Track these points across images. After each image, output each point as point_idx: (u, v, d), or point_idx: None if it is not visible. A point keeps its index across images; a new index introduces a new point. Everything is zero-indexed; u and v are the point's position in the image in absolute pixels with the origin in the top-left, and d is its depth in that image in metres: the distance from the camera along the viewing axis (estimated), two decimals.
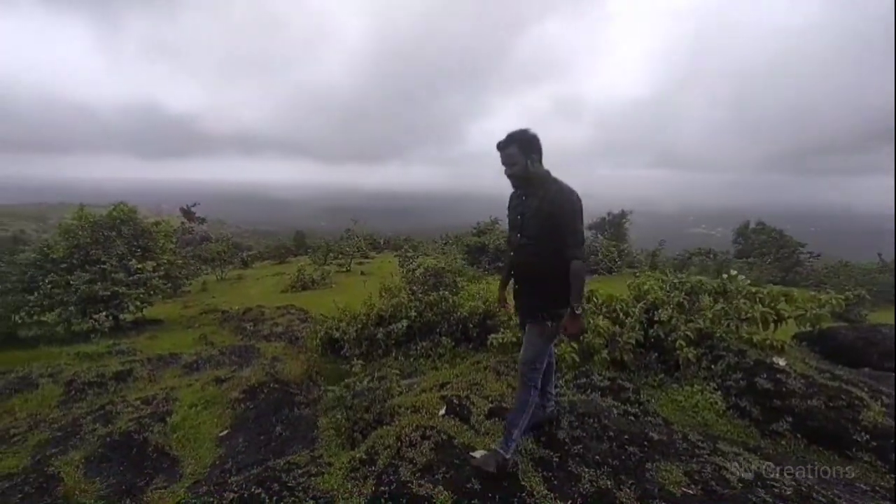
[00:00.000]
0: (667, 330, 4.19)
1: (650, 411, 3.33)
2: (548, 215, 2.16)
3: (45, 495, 2.77)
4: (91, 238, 9.78)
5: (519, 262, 2.40)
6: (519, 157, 2.21)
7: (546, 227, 2.17)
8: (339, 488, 2.35)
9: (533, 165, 2.21)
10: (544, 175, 2.24)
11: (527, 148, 2.20)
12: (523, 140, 2.20)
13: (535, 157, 2.21)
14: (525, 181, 2.27)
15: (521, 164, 2.21)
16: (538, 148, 2.22)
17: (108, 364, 5.80)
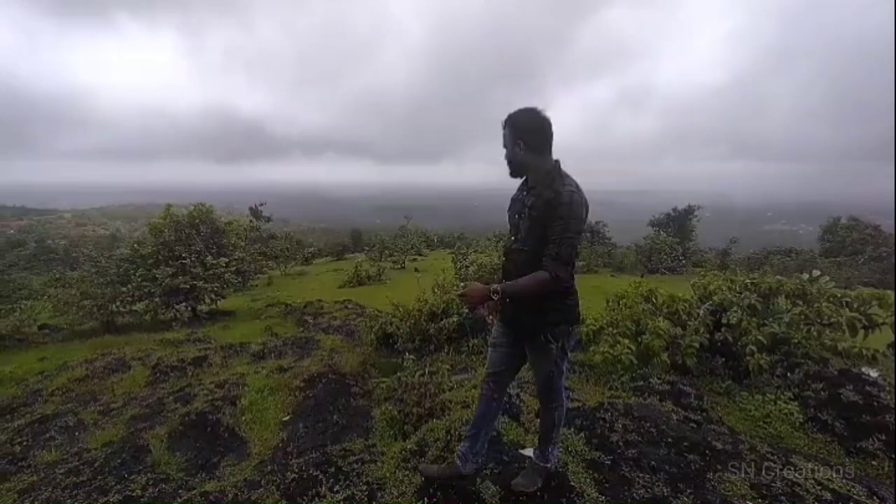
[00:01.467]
0: (736, 334, 3.90)
1: (714, 419, 3.13)
2: (539, 218, 1.78)
3: (138, 463, 3.11)
4: (175, 236, 10.78)
5: (508, 269, 1.99)
6: (508, 140, 1.88)
7: (539, 233, 1.79)
8: (391, 477, 2.43)
9: (521, 153, 1.85)
10: (547, 168, 1.84)
11: (515, 131, 1.85)
12: (512, 121, 1.86)
13: (523, 143, 1.83)
14: (520, 172, 1.94)
15: (508, 149, 1.89)
16: (530, 132, 1.83)
17: (187, 350, 6.38)
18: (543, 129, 1.83)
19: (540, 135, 1.83)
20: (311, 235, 49.82)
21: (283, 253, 22.63)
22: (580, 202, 1.73)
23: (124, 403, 4.44)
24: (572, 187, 1.75)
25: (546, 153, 1.85)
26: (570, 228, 1.71)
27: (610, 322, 4.40)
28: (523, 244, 1.88)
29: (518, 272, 1.85)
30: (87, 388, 5.02)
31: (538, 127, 1.82)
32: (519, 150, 1.85)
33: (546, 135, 1.83)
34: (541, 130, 1.83)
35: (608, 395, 3.40)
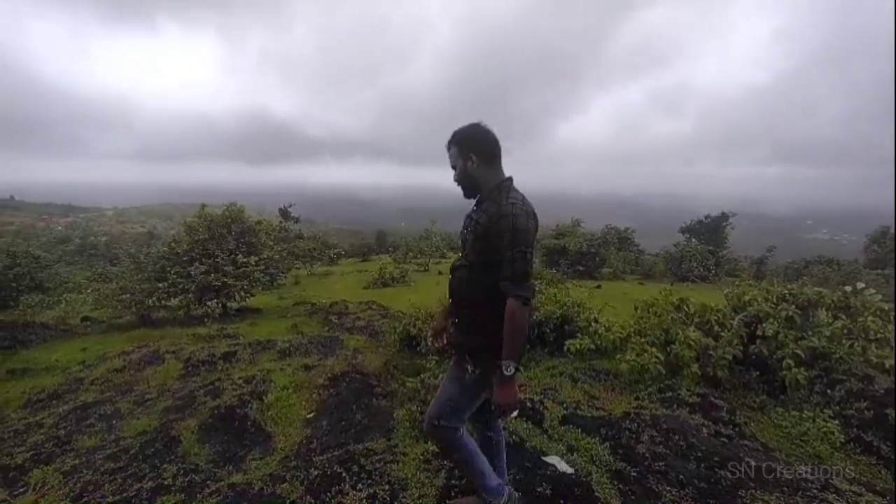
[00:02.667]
0: (772, 347, 3.74)
1: (747, 434, 3.00)
2: (483, 234, 1.67)
3: (170, 453, 3.23)
4: (208, 234, 11.17)
5: (451, 286, 1.88)
6: (457, 158, 1.79)
7: (481, 249, 1.69)
8: (413, 477, 2.44)
9: (474, 167, 1.76)
10: (496, 182, 1.75)
11: (464, 146, 1.77)
12: (459, 137, 1.78)
13: (475, 156, 1.74)
14: (471, 189, 1.81)
15: (459, 168, 1.79)
16: (481, 146, 1.75)
17: (218, 345, 6.58)
18: (492, 141, 1.77)
19: (490, 146, 1.76)
20: (337, 236, 50.76)
21: (310, 253, 23.11)
22: (525, 214, 1.61)
23: (158, 395, 4.61)
24: (515, 200, 1.65)
25: (497, 166, 1.78)
26: (519, 242, 1.58)
27: (637, 330, 4.30)
28: (465, 259, 1.80)
29: (459, 289, 1.81)
30: (124, 378, 5.25)
31: (487, 139, 1.77)
32: (472, 164, 1.76)
33: (496, 146, 1.78)
34: (491, 142, 1.77)
35: (634, 405, 3.32)
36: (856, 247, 25.88)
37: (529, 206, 1.66)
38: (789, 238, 71.72)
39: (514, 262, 1.58)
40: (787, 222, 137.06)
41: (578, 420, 2.91)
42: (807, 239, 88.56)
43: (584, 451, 2.58)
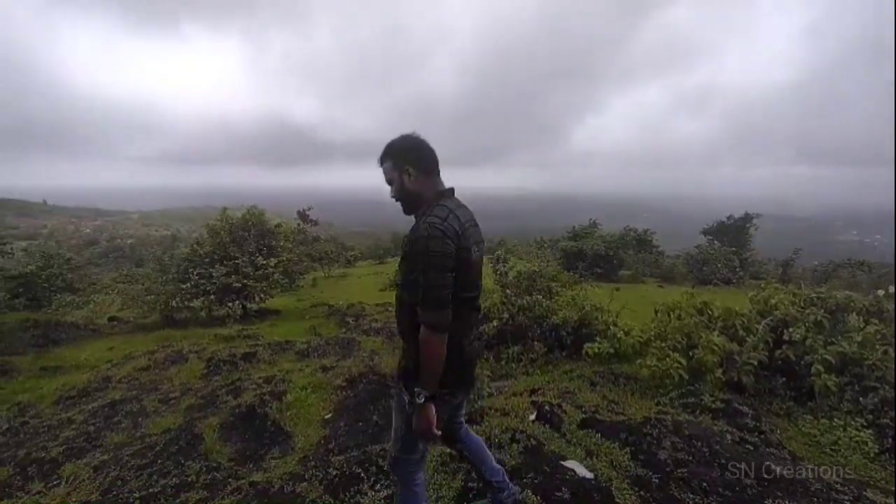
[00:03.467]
0: (799, 352, 3.63)
1: (773, 442, 2.92)
2: (404, 256, 1.57)
3: (193, 450, 3.31)
4: (229, 237, 11.41)
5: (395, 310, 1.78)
6: (392, 172, 1.65)
7: (404, 271, 1.58)
8: (430, 480, 2.44)
9: (411, 180, 1.62)
10: (431, 195, 1.62)
11: (399, 159, 1.63)
12: (393, 150, 1.65)
13: (412, 168, 1.61)
14: (410, 205, 1.66)
15: (395, 183, 1.65)
16: (417, 158, 1.62)
17: (238, 346, 6.71)
18: (429, 152, 1.65)
19: (427, 157, 1.64)
20: (354, 239, 51.25)
21: (328, 255, 23.38)
22: (441, 235, 1.45)
23: (181, 393, 4.73)
24: (434, 220, 1.49)
25: (435, 178, 1.66)
26: (431, 265, 1.44)
27: (658, 334, 4.22)
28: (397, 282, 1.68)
29: (397, 312, 1.71)
30: (150, 377, 5.39)
31: (424, 150, 1.64)
32: (409, 177, 1.62)
33: (432, 157, 1.65)
34: (427, 153, 1.65)
35: (655, 410, 3.26)
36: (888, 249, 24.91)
37: (452, 224, 1.49)
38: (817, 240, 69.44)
39: (426, 290, 1.46)
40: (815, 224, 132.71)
41: (597, 424, 2.88)
42: (836, 241, 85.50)
43: (603, 455, 2.55)
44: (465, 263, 1.51)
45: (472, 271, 1.58)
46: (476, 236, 1.62)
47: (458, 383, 1.65)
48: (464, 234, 1.51)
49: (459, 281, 1.51)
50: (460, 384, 1.67)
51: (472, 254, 1.56)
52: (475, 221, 1.68)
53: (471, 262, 1.55)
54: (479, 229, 1.68)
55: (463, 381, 1.68)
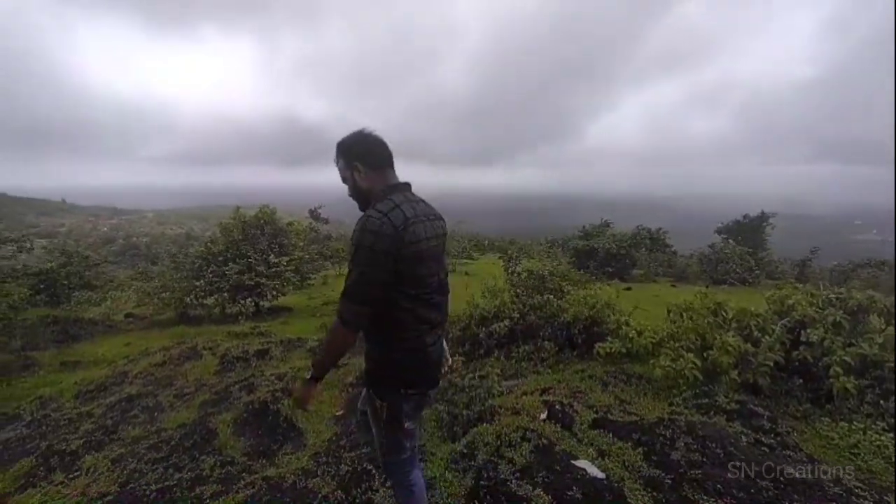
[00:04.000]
0: (817, 354, 3.56)
1: (790, 444, 2.86)
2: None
3: (207, 445, 3.36)
4: (242, 235, 11.55)
5: None
6: (345, 169, 1.64)
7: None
8: (440, 477, 2.46)
9: (361, 176, 1.61)
10: (381, 188, 1.59)
11: (349, 156, 1.62)
12: (343, 147, 1.64)
13: (361, 164, 1.60)
14: (362, 201, 1.65)
15: (348, 180, 1.65)
16: (366, 154, 1.61)
17: (251, 343, 6.80)
18: (378, 147, 1.63)
19: (376, 153, 1.62)
20: None
21: (339, 253, 23.52)
22: (373, 230, 1.42)
23: (196, 389, 4.81)
24: (372, 214, 1.46)
25: (386, 173, 1.63)
26: (357, 259, 1.44)
27: (671, 335, 4.17)
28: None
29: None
30: (165, 372, 5.49)
31: (372, 145, 1.62)
32: (359, 174, 1.61)
33: (382, 151, 1.63)
34: (376, 148, 1.62)
35: (668, 411, 3.22)
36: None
37: (392, 219, 1.45)
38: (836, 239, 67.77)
39: (348, 279, 1.46)
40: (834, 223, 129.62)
41: (609, 424, 2.85)
42: (855, 240, 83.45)
43: (615, 456, 2.53)
44: (410, 258, 1.46)
45: (422, 266, 1.52)
46: (430, 231, 1.56)
47: (423, 382, 1.63)
48: (408, 229, 1.45)
49: (405, 276, 1.47)
50: (425, 383, 1.65)
51: (421, 248, 1.50)
52: (434, 216, 1.64)
53: (419, 256, 1.49)
54: (438, 223, 1.64)
55: (427, 379, 1.65)
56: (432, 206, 1.69)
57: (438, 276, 1.63)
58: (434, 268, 1.59)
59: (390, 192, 1.57)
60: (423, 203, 1.63)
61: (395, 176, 1.64)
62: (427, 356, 1.60)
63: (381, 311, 1.50)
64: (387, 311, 1.50)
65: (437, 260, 1.62)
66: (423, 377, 1.62)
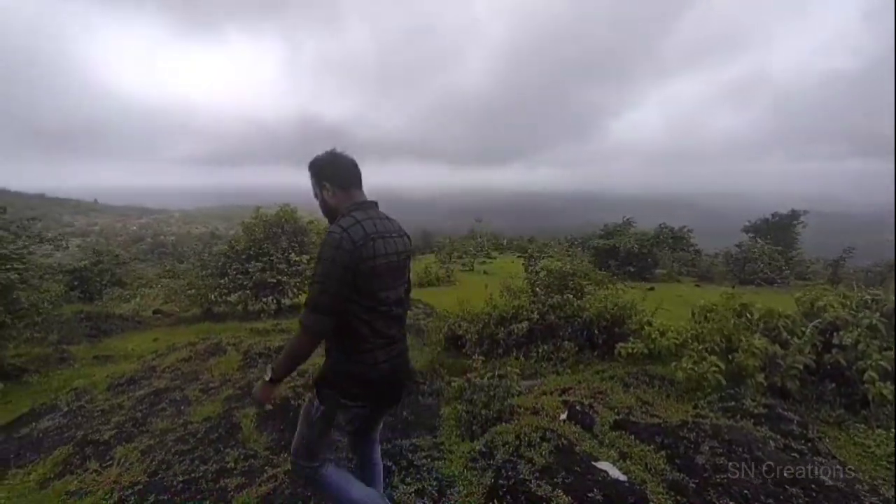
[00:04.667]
0: (851, 357, 3.42)
1: (822, 451, 2.76)
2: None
3: (231, 438, 3.45)
4: (264, 234, 11.78)
5: None
6: (315, 187, 1.75)
7: None
8: (459, 476, 2.46)
9: (329, 195, 1.71)
10: (343, 210, 1.67)
11: (317, 175, 1.72)
12: (313, 167, 1.73)
13: (329, 184, 1.70)
14: (330, 217, 1.75)
15: (318, 198, 1.75)
16: (332, 173, 1.70)
17: (273, 339, 6.93)
18: (344, 167, 1.71)
19: (342, 173, 1.70)
20: None
21: None
22: (333, 243, 1.50)
23: (220, 384, 4.93)
24: (334, 229, 1.55)
25: (353, 191, 1.71)
26: (319, 269, 1.51)
27: (695, 336, 4.07)
28: None
29: None
30: (191, 367, 5.65)
31: (340, 164, 1.71)
32: (327, 192, 1.71)
33: (349, 172, 1.71)
34: (342, 168, 1.70)
35: (693, 414, 3.15)
36: None
37: (351, 234, 1.52)
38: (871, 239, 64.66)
39: (312, 291, 1.52)
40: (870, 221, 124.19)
41: (631, 426, 2.81)
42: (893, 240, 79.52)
43: (637, 458, 2.49)
44: (368, 273, 1.53)
45: (380, 281, 1.58)
46: (391, 247, 1.63)
47: (365, 396, 1.66)
48: (366, 244, 1.53)
49: (363, 290, 1.53)
50: (368, 398, 1.67)
51: (379, 264, 1.56)
52: (397, 233, 1.70)
53: (374, 272, 1.55)
54: (400, 240, 1.70)
55: (371, 395, 1.67)
56: (397, 223, 1.76)
57: (397, 291, 1.68)
58: (392, 283, 1.65)
59: (354, 209, 1.64)
60: (387, 220, 1.70)
61: (362, 195, 1.73)
62: (376, 372, 1.62)
63: (341, 323, 1.55)
64: (346, 323, 1.55)
65: (396, 276, 1.67)
66: (367, 392, 1.65)
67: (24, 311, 5.99)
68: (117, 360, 6.87)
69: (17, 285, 5.78)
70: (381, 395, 1.72)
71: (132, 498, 2.73)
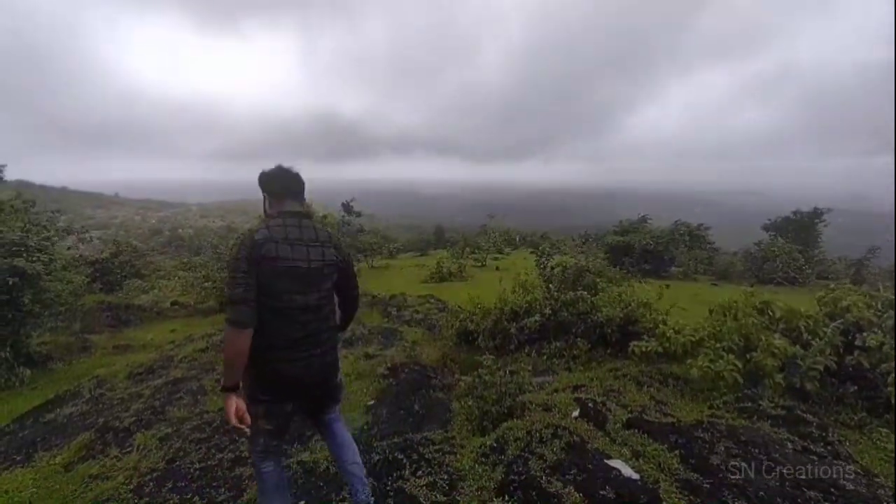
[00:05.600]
0: (874, 359, 3.32)
1: (842, 455, 2.69)
2: None
3: None
4: None
5: None
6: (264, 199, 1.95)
7: None
8: (470, 470, 2.46)
9: (267, 207, 1.92)
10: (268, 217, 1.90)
11: (261, 189, 1.92)
12: (259, 182, 1.91)
13: (268, 196, 1.91)
14: None
15: (263, 206, 1.95)
16: (268, 187, 1.89)
17: None
18: (279, 181, 1.87)
19: (276, 186, 1.87)
20: (396, 231, 52.11)
21: (371, 247, 23.87)
22: (241, 243, 1.68)
23: None
24: (250, 229, 1.77)
25: (284, 201, 1.86)
26: (229, 268, 1.67)
27: (711, 334, 4.00)
28: None
29: None
30: (207, 358, 5.76)
31: (275, 178, 1.87)
32: (265, 202, 1.91)
33: (282, 185, 1.86)
34: (276, 182, 1.87)
35: (708, 414, 3.10)
36: None
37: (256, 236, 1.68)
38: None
39: (226, 286, 1.68)
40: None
41: (645, 425, 2.77)
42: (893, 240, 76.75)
43: (650, 457, 2.46)
44: (267, 272, 1.67)
45: (281, 282, 1.69)
46: (299, 254, 1.74)
47: (274, 392, 1.76)
48: (266, 245, 1.68)
49: (265, 288, 1.66)
50: (277, 394, 1.77)
51: (279, 266, 1.69)
52: (315, 242, 1.80)
53: (275, 272, 1.68)
54: (317, 250, 1.80)
55: (279, 391, 1.77)
56: (324, 234, 1.87)
57: (305, 297, 1.75)
58: (299, 288, 1.74)
59: (275, 216, 1.83)
60: (308, 230, 1.81)
61: (295, 205, 1.87)
62: (280, 369, 1.73)
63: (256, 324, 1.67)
64: (259, 323, 1.66)
65: (304, 282, 1.76)
66: (274, 388, 1.76)
67: (49, 300, 6.19)
68: (136, 350, 7.04)
69: (43, 276, 5.96)
70: (286, 394, 1.80)
71: (151, 484, 2.81)
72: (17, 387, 5.49)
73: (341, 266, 1.91)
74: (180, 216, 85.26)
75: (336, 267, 1.88)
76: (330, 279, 1.87)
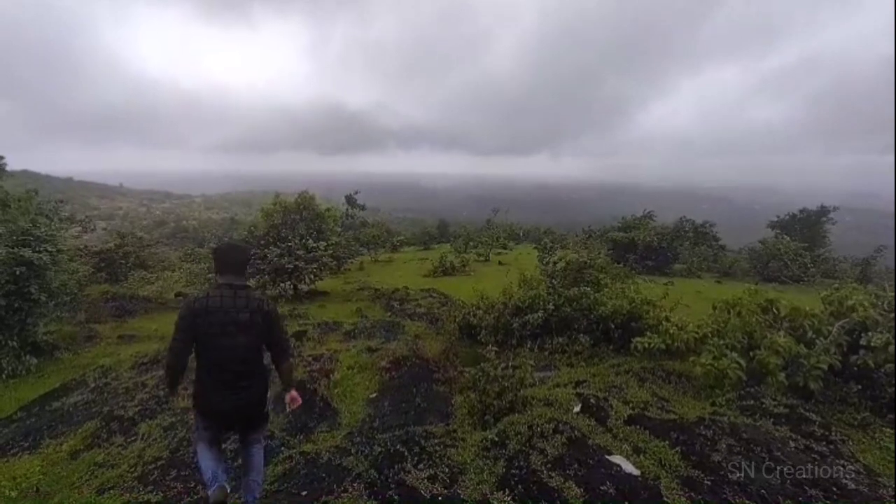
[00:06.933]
0: (879, 359, 3.30)
1: (844, 454, 2.68)
2: None
3: None
4: (282, 220, 11.94)
5: None
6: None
7: None
8: (471, 463, 2.47)
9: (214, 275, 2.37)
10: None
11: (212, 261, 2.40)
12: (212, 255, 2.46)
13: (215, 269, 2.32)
14: None
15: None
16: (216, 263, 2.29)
17: (290, 325, 7.06)
18: (224, 257, 2.25)
19: (218, 262, 2.26)
20: (400, 225, 52.07)
21: (374, 240, 23.89)
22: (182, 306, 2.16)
23: None
24: (193, 296, 2.21)
25: (225, 274, 2.24)
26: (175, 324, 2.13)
27: (715, 331, 3.99)
28: None
29: None
30: None
31: (219, 255, 2.27)
32: (215, 274, 2.30)
33: (225, 261, 2.25)
34: (222, 258, 2.25)
35: (710, 411, 3.10)
36: None
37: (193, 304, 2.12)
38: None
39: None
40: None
41: (646, 421, 2.78)
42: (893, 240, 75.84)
43: (651, 453, 2.46)
44: (202, 333, 2.10)
45: (212, 340, 2.11)
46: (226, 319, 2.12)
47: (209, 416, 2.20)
48: (200, 313, 2.10)
49: (200, 344, 2.12)
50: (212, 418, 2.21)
51: (211, 329, 2.10)
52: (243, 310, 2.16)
53: (208, 332, 2.10)
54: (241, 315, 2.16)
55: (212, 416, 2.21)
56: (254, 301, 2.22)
57: (234, 351, 2.16)
58: (228, 344, 2.13)
59: (214, 287, 2.23)
60: (237, 299, 2.18)
61: (233, 278, 2.24)
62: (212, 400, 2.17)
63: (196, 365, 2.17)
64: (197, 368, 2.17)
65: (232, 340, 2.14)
66: (208, 413, 2.21)
67: (55, 290, 6.23)
68: (141, 340, 7.09)
69: (49, 266, 6.00)
70: (216, 420, 2.25)
71: (155, 472, 2.84)
72: (24, 375, 5.55)
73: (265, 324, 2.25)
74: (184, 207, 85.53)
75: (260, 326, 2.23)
76: (254, 334, 2.22)
